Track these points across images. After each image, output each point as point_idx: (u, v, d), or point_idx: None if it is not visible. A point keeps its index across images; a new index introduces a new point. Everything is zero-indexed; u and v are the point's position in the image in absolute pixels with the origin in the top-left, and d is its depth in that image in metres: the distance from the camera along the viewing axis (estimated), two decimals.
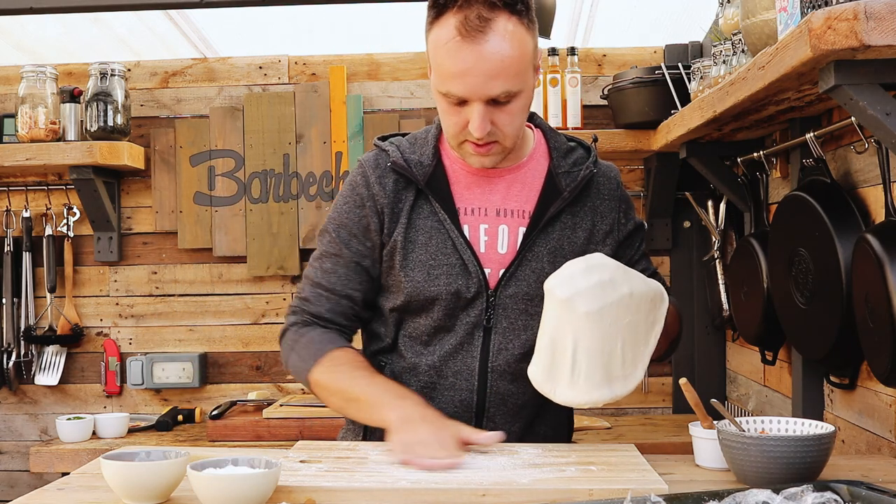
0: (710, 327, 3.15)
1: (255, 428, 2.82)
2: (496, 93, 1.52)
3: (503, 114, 1.56)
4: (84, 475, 1.52)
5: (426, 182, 1.66)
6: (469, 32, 1.48)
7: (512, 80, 1.52)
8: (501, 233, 1.67)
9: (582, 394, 1.47)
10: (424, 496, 1.33)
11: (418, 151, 1.69)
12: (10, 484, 3.27)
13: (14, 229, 3.23)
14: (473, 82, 1.50)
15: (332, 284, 1.70)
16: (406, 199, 1.67)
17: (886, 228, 1.75)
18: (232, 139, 3.19)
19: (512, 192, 1.69)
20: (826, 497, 1.16)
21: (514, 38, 1.51)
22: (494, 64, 1.49)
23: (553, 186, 1.69)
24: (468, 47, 1.49)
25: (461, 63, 1.50)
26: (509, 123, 1.58)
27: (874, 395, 1.98)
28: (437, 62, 1.55)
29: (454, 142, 1.63)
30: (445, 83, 1.53)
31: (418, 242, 1.66)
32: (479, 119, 1.53)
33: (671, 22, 3.22)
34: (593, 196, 1.72)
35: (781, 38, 1.62)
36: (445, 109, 1.58)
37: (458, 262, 1.64)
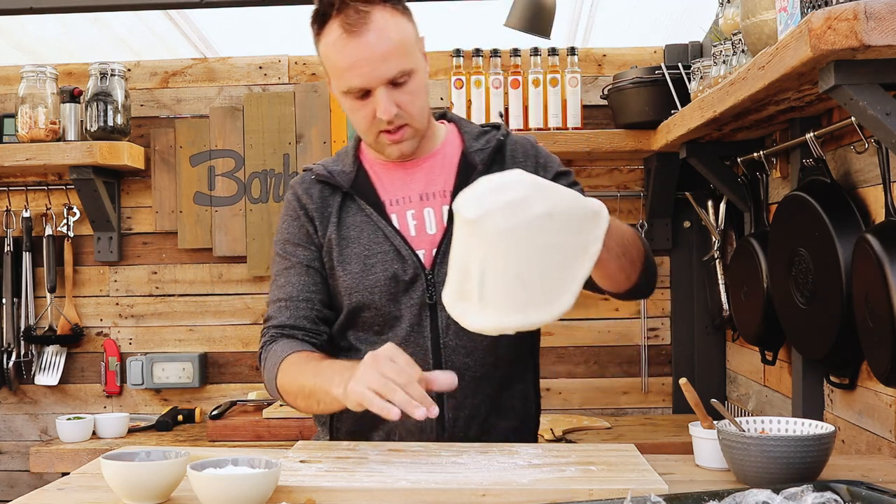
0: (710, 327, 3.15)
1: (255, 428, 2.82)
2: (392, 73, 1.61)
3: (404, 94, 1.64)
4: (84, 475, 1.52)
5: (350, 185, 1.76)
6: (352, 27, 1.59)
7: (402, 59, 1.62)
8: (428, 215, 1.75)
9: (490, 319, 1.39)
10: (424, 496, 1.33)
11: (340, 163, 1.80)
12: (10, 484, 3.27)
13: (14, 229, 3.22)
14: (368, 69, 1.61)
15: (289, 294, 1.76)
16: (333, 203, 1.76)
17: (886, 228, 1.75)
18: (232, 139, 3.19)
19: (431, 178, 1.77)
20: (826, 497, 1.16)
21: (393, 23, 1.62)
22: (382, 47, 1.60)
23: (468, 163, 1.76)
24: (355, 40, 1.59)
25: (352, 55, 1.60)
26: (412, 103, 1.66)
27: (874, 395, 1.98)
28: (331, 65, 1.65)
29: (369, 137, 1.70)
30: (344, 80, 1.63)
31: (350, 238, 1.73)
32: (383, 101, 1.62)
33: (671, 22, 3.22)
34: (508, 163, 1.77)
35: (781, 38, 1.62)
36: (352, 107, 1.67)
37: (390, 248, 1.71)
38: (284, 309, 1.75)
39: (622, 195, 3.18)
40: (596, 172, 3.21)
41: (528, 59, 3.02)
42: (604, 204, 1.44)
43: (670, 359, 3.21)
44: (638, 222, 3.17)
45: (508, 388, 1.77)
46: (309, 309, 1.75)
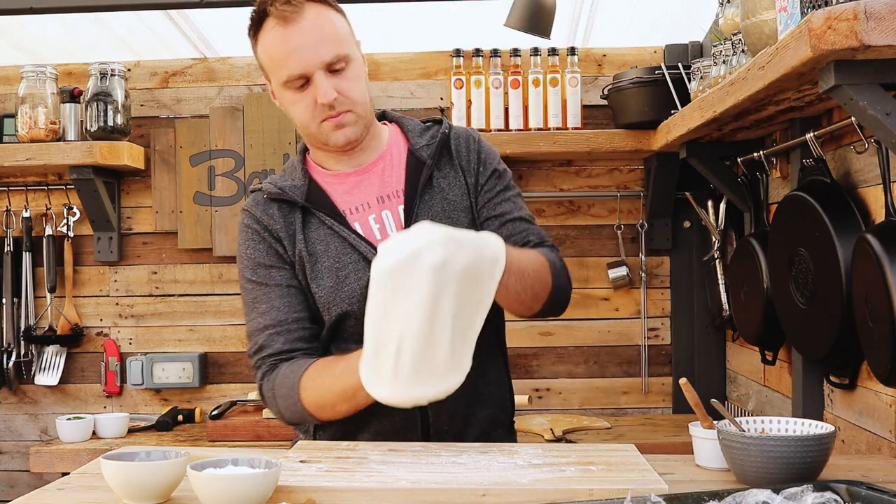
0: (710, 327, 3.15)
1: (255, 428, 2.82)
2: (329, 57, 1.63)
3: (343, 80, 1.66)
4: (84, 475, 1.52)
5: (305, 198, 1.73)
6: (284, 16, 1.63)
7: (338, 45, 1.65)
8: (386, 217, 1.74)
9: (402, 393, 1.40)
10: (424, 496, 1.33)
11: (289, 177, 1.78)
12: (10, 484, 3.27)
13: (14, 229, 3.23)
14: (305, 53, 1.63)
15: (276, 319, 1.70)
16: (295, 220, 1.73)
17: (886, 228, 1.75)
18: (232, 139, 3.19)
19: (383, 179, 1.76)
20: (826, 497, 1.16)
21: (325, 15, 1.66)
22: (316, 33, 1.63)
23: (416, 160, 1.76)
24: (289, 27, 1.63)
25: (289, 42, 1.63)
26: (352, 89, 1.67)
27: (874, 395, 1.98)
28: (270, 59, 1.67)
29: (312, 127, 1.69)
30: (284, 68, 1.65)
31: (318, 253, 1.71)
32: (323, 85, 1.64)
33: (671, 22, 3.22)
34: (454, 157, 1.78)
35: (781, 38, 1.62)
36: (292, 100, 1.68)
37: (360, 257, 1.69)
38: (276, 336, 1.69)
39: (622, 195, 3.18)
40: (596, 172, 3.21)
41: (528, 59, 3.02)
42: (501, 244, 1.45)
43: (670, 359, 3.21)
44: (638, 222, 3.17)
45: (483, 377, 1.75)
46: (302, 329, 1.70)
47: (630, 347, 3.21)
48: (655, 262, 3.21)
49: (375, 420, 1.70)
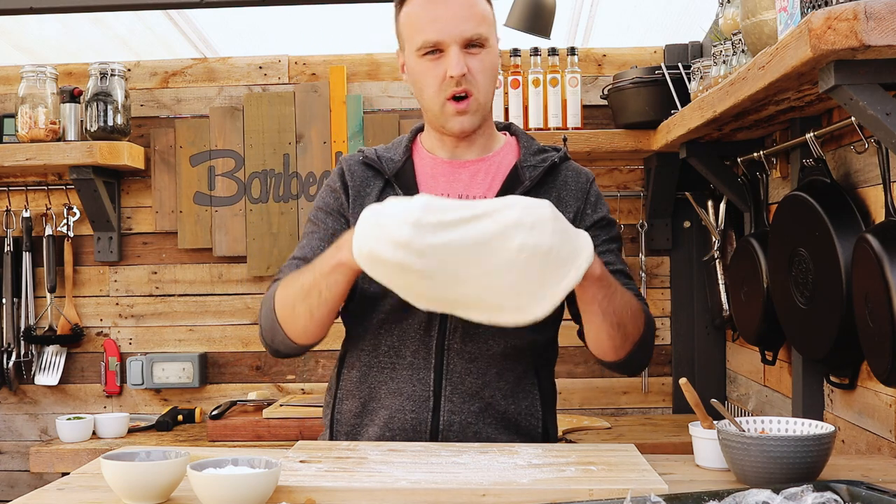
0: (710, 327, 3.15)
1: (255, 428, 2.82)
2: (469, 33, 1.66)
3: (476, 61, 1.68)
4: (84, 475, 1.52)
5: (394, 174, 1.76)
6: None
7: (481, 24, 1.67)
8: None
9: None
10: (424, 496, 1.33)
11: (392, 151, 1.82)
12: (10, 484, 3.27)
13: (14, 229, 3.23)
14: (447, 25, 1.65)
15: (304, 253, 1.76)
16: (374, 187, 1.77)
17: (886, 228, 1.75)
18: (232, 139, 3.19)
19: (475, 180, 1.76)
20: (826, 497, 1.16)
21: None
22: (463, 8, 1.66)
23: (516, 176, 1.75)
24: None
25: (434, 10, 1.66)
26: (481, 72, 1.68)
27: (874, 395, 1.98)
28: (411, 24, 1.69)
29: (436, 103, 1.70)
30: (422, 33, 1.67)
31: None
32: (455, 58, 1.65)
33: (671, 22, 3.22)
34: (559, 187, 1.77)
35: (781, 38, 1.62)
36: (423, 70, 1.69)
37: None
38: (293, 266, 1.75)
39: (622, 195, 3.18)
40: (596, 172, 3.21)
41: (528, 59, 3.02)
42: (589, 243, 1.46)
43: (670, 359, 3.21)
44: (638, 222, 3.17)
45: (514, 403, 1.73)
46: None
47: None
48: (655, 262, 3.21)
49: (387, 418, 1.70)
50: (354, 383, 1.76)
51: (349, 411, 1.77)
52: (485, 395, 1.71)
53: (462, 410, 1.70)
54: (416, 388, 1.70)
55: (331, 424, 1.80)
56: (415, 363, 1.71)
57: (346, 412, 1.77)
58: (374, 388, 1.73)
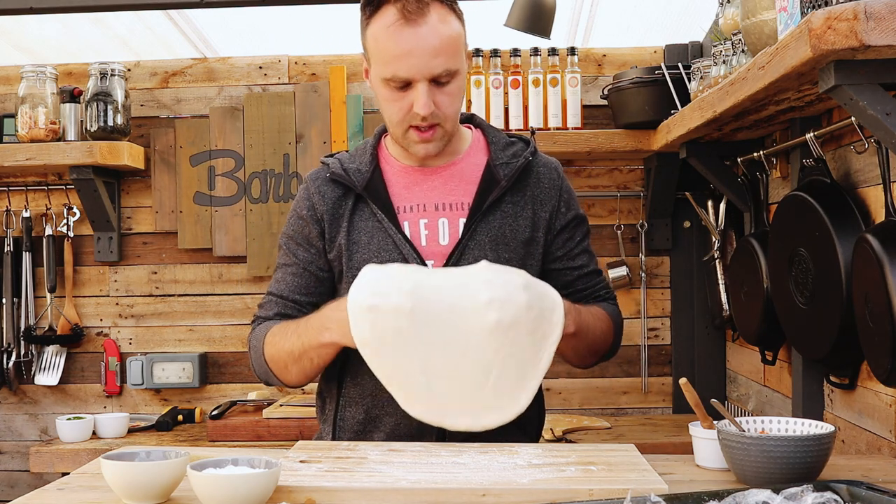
0: (710, 327, 3.15)
1: (255, 428, 2.82)
2: (439, 71, 1.61)
3: (444, 95, 1.64)
4: (84, 475, 1.52)
5: (364, 186, 1.73)
6: (410, 15, 1.59)
7: (451, 58, 1.62)
8: (441, 225, 1.72)
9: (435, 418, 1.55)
10: (424, 496, 1.33)
11: (357, 160, 1.77)
12: (10, 484, 3.27)
13: (14, 229, 3.23)
14: (417, 62, 1.60)
15: (281, 291, 1.78)
16: (346, 206, 1.74)
17: (886, 228, 1.75)
18: (232, 139, 3.19)
19: (449, 186, 1.74)
20: (826, 497, 1.16)
21: (448, 21, 1.63)
22: (435, 43, 1.60)
23: (491, 177, 1.73)
24: (410, 29, 1.59)
25: (405, 44, 1.59)
26: (449, 105, 1.66)
27: (874, 395, 1.98)
28: (379, 49, 1.63)
29: (399, 130, 1.68)
30: (389, 67, 1.62)
31: (361, 243, 1.71)
32: (423, 97, 1.61)
33: (671, 22, 3.22)
34: (533, 185, 1.76)
35: (781, 38, 1.62)
36: (388, 97, 1.65)
37: (399, 257, 1.69)
38: (274, 304, 1.78)
39: (622, 195, 3.18)
40: (596, 172, 3.21)
41: (528, 59, 3.02)
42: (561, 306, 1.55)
43: (670, 359, 3.21)
44: (638, 222, 3.17)
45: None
46: (296, 309, 1.76)
47: (630, 347, 3.21)
48: (655, 262, 3.22)
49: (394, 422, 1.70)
50: (359, 392, 1.75)
51: (353, 418, 1.76)
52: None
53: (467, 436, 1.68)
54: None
55: (333, 431, 1.79)
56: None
57: (350, 419, 1.76)
58: (377, 398, 1.71)
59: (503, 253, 1.70)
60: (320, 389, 1.86)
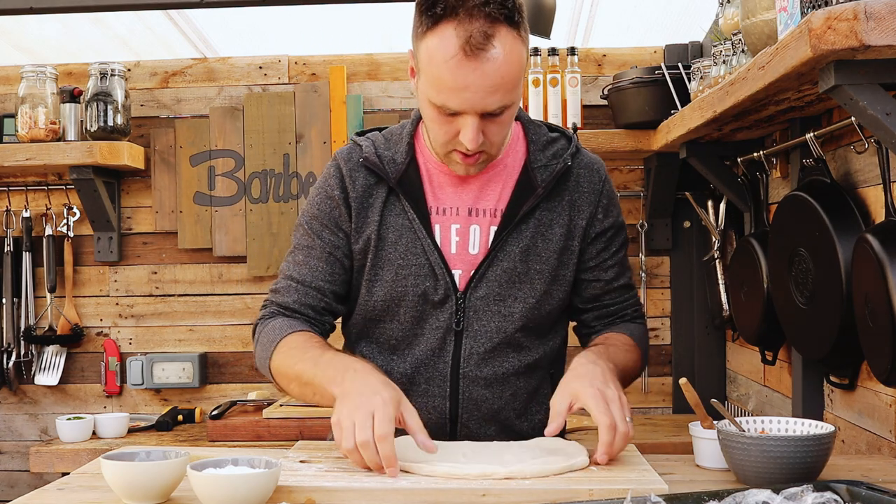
0: (710, 327, 3.15)
1: (255, 428, 2.82)
2: (493, 108, 1.50)
3: (494, 125, 1.54)
4: (84, 475, 1.52)
5: (398, 180, 1.64)
6: (472, 51, 1.45)
7: (509, 94, 1.51)
8: (473, 233, 1.65)
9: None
10: (424, 496, 1.33)
11: (392, 148, 1.68)
12: (10, 484, 3.27)
13: (14, 229, 3.23)
14: (472, 98, 1.48)
15: (303, 276, 1.67)
16: (377, 196, 1.65)
17: (886, 228, 1.75)
18: (232, 139, 3.19)
19: (486, 191, 1.67)
20: (826, 497, 1.16)
21: (513, 52, 1.49)
22: (495, 80, 1.47)
23: (527, 182, 1.65)
24: (470, 65, 1.45)
25: (462, 80, 1.46)
26: (499, 133, 1.56)
27: (874, 395, 1.98)
28: (432, 72, 1.50)
29: (441, 150, 1.59)
30: (441, 96, 1.49)
31: (388, 241, 1.64)
32: (472, 132, 1.51)
33: (671, 22, 3.22)
34: (571, 189, 1.68)
35: (781, 38, 1.62)
36: (435, 119, 1.54)
37: (425, 263, 1.63)
38: (293, 290, 1.67)
39: (622, 195, 3.18)
40: None
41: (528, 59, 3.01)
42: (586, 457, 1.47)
43: (670, 359, 3.21)
44: (638, 222, 3.17)
45: (526, 418, 1.73)
46: (318, 298, 1.67)
47: None
48: (655, 262, 3.21)
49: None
50: None
51: None
52: (501, 417, 1.69)
53: (479, 434, 1.67)
54: (431, 415, 1.65)
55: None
56: (429, 391, 1.66)
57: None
58: None
59: (534, 265, 1.64)
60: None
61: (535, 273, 1.65)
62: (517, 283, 1.64)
